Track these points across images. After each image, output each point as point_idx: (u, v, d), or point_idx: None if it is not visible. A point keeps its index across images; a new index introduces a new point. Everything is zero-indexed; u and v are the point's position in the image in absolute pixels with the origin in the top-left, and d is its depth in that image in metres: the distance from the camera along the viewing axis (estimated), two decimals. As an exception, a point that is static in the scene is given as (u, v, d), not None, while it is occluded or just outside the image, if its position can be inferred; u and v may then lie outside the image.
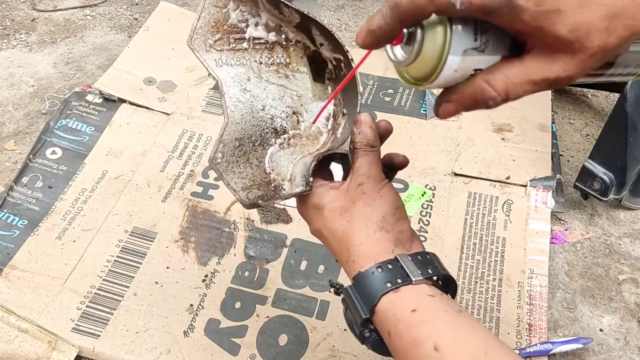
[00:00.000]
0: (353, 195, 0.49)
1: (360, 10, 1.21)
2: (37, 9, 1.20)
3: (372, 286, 0.45)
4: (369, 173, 0.49)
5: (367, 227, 0.48)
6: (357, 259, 0.47)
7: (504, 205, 0.85)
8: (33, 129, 0.97)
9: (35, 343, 0.71)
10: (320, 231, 0.50)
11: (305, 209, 0.52)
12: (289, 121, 0.55)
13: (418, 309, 0.43)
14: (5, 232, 0.82)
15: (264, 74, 0.54)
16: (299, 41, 0.56)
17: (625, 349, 0.73)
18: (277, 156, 0.53)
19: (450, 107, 0.40)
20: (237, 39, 0.54)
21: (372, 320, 0.45)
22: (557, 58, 0.36)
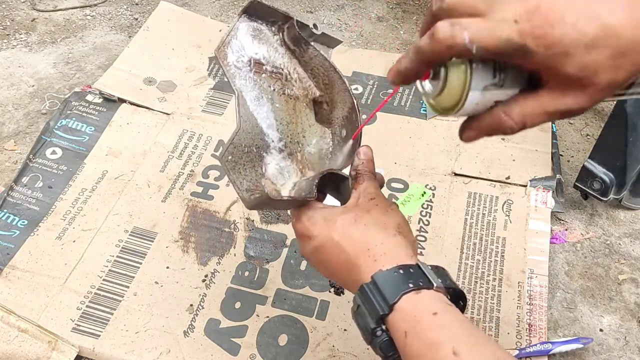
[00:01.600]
0: (366, 206, 0.51)
1: (360, 10, 1.21)
2: (37, 9, 1.20)
3: (394, 284, 0.45)
4: (377, 192, 0.53)
5: (387, 230, 0.50)
6: (379, 257, 0.47)
7: (504, 205, 0.85)
8: (33, 129, 0.97)
9: (35, 343, 0.71)
10: (331, 239, 0.50)
11: (312, 223, 0.52)
12: (293, 145, 0.58)
13: (439, 313, 0.44)
14: (5, 232, 0.82)
15: (276, 99, 0.58)
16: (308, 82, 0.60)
17: (625, 349, 0.73)
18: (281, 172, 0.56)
19: (472, 134, 0.44)
20: (257, 64, 0.58)
21: (387, 319, 0.45)
22: (569, 92, 0.39)
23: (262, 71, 0.58)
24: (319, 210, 0.52)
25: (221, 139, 0.94)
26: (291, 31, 0.58)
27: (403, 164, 0.91)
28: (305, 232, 0.52)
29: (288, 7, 1.21)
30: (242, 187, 0.54)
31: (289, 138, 0.58)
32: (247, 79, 0.57)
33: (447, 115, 0.44)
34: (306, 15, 1.20)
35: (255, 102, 0.57)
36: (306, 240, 0.52)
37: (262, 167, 0.56)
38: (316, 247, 0.51)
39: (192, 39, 1.09)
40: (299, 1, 1.23)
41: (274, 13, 0.59)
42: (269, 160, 0.56)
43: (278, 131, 0.57)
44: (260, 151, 0.56)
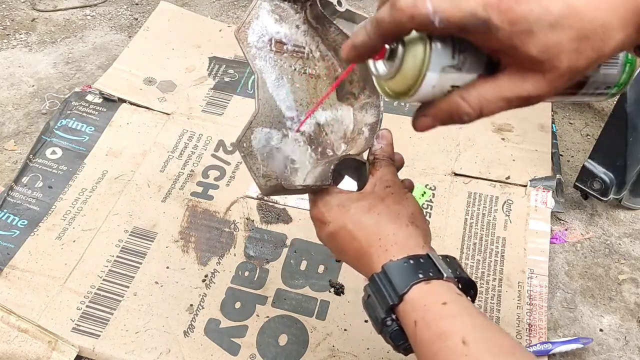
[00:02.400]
0: (381, 194, 0.52)
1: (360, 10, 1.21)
2: (37, 9, 1.20)
3: (404, 274, 0.45)
4: (394, 179, 0.53)
5: (399, 219, 0.50)
6: (390, 247, 0.48)
7: (504, 205, 0.85)
8: (33, 129, 0.97)
9: (35, 343, 0.71)
10: (345, 226, 0.50)
11: (327, 209, 0.52)
12: (312, 127, 0.57)
13: (448, 303, 0.44)
14: (5, 232, 0.82)
15: (297, 79, 0.57)
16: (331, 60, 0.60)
17: (625, 349, 0.73)
18: (298, 156, 0.55)
19: (426, 121, 0.42)
20: (279, 43, 0.57)
21: (397, 309, 0.45)
22: (528, 77, 0.37)
23: (283, 50, 0.57)
24: (335, 196, 0.52)
25: (221, 139, 0.94)
26: (314, 9, 0.58)
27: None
28: (320, 217, 0.52)
29: (288, 7, 1.21)
30: (259, 174, 0.53)
31: (308, 119, 0.57)
32: (268, 60, 0.56)
33: (401, 100, 0.42)
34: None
35: (275, 84, 0.56)
36: (321, 225, 0.53)
37: (279, 152, 0.55)
38: (331, 233, 0.52)
39: (192, 39, 1.09)
40: (299, 1, 1.23)
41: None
42: (287, 143, 0.55)
43: (298, 112, 0.56)
44: (278, 136, 0.55)
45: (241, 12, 1.20)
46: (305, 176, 0.55)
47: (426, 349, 0.43)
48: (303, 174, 0.55)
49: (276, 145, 0.54)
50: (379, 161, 0.54)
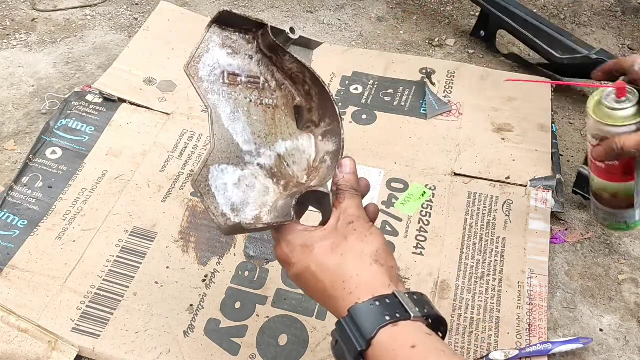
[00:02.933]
0: (344, 232, 0.50)
1: (360, 10, 1.21)
2: (37, 9, 1.20)
3: (370, 318, 0.45)
4: (358, 214, 0.52)
5: (363, 259, 0.49)
6: (355, 290, 0.47)
7: (504, 205, 0.85)
8: (33, 129, 0.97)
9: (35, 343, 0.71)
10: (309, 268, 0.49)
11: (290, 250, 0.51)
12: (272, 159, 0.55)
13: (417, 346, 0.43)
14: (5, 232, 0.82)
15: (253, 111, 0.55)
16: (288, 89, 0.58)
17: (625, 349, 0.73)
18: (258, 189, 0.54)
19: None
20: (232, 75, 0.55)
21: (366, 354, 0.45)
22: None
23: (236, 82, 0.55)
24: (298, 235, 0.51)
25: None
26: (266, 38, 0.56)
27: (403, 164, 0.91)
28: (284, 259, 0.52)
29: (288, 7, 1.21)
30: (217, 213, 0.51)
31: (267, 151, 0.55)
32: (221, 93, 0.54)
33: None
34: (306, 15, 1.20)
35: (231, 117, 0.54)
36: (287, 266, 0.52)
37: (239, 187, 0.53)
38: (296, 274, 0.51)
39: (192, 39, 1.08)
40: (299, 1, 1.23)
41: (246, 21, 0.56)
42: (246, 178, 0.53)
43: (256, 145, 0.55)
44: (237, 171, 0.53)
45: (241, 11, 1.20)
46: (267, 212, 0.53)
47: None
48: (265, 210, 0.53)
49: (234, 182, 0.53)
50: (342, 192, 0.53)
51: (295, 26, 0.56)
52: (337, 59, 1.07)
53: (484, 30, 1.11)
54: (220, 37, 0.56)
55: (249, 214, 0.52)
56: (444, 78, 1.03)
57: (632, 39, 1.14)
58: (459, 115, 0.97)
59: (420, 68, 1.05)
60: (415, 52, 1.12)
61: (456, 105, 0.99)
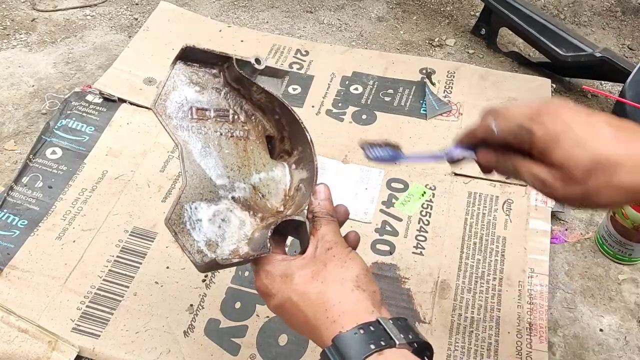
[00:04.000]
0: (323, 259, 0.50)
1: (360, 10, 1.21)
2: (37, 9, 1.20)
3: (355, 348, 0.44)
4: (335, 239, 0.51)
5: (344, 286, 0.48)
6: (338, 318, 0.46)
7: (504, 205, 0.85)
8: (33, 129, 0.97)
9: (35, 343, 0.71)
10: (290, 299, 0.48)
11: (270, 280, 0.50)
12: (246, 191, 0.55)
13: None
14: (5, 232, 0.82)
15: (224, 144, 0.55)
16: (258, 119, 0.58)
17: (625, 349, 0.73)
18: (234, 222, 0.53)
19: (487, 155, 0.55)
20: (200, 110, 0.54)
21: None
22: (553, 174, 0.47)
23: (205, 117, 0.54)
24: (276, 265, 0.50)
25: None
26: (232, 71, 0.56)
27: (403, 164, 0.91)
28: (264, 290, 0.50)
29: (288, 7, 1.21)
30: (193, 250, 0.50)
31: (241, 184, 0.54)
32: (191, 129, 0.53)
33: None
34: (306, 15, 1.20)
35: (202, 153, 0.53)
36: (267, 298, 0.50)
37: (214, 222, 0.52)
38: (276, 306, 0.50)
39: (192, 39, 1.09)
40: (299, 1, 1.23)
41: (210, 55, 0.56)
42: (221, 213, 0.52)
43: (229, 178, 0.54)
44: (211, 206, 0.52)
45: (241, 12, 1.20)
46: (244, 244, 0.52)
47: None
48: (242, 243, 0.52)
49: (209, 218, 0.52)
50: (319, 219, 0.52)
51: (261, 57, 0.55)
52: (337, 59, 1.07)
53: (485, 28, 1.11)
54: (186, 73, 0.55)
55: (225, 249, 0.51)
56: (444, 78, 1.03)
57: (632, 38, 1.14)
58: (459, 115, 0.97)
59: (420, 68, 1.05)
60: (415, 52, 1.12)
61: (456, 105, 0.99)
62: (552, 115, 0.47)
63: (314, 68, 1.06)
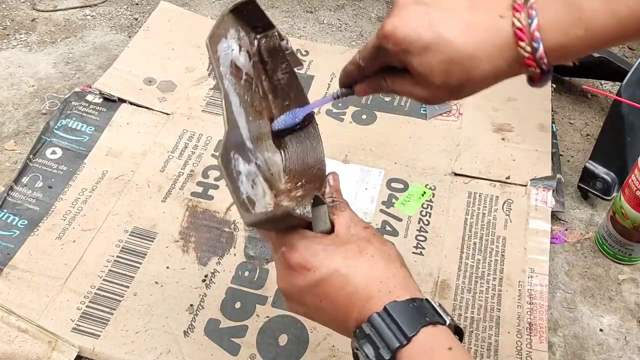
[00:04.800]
0: (364, 235, 0.50)
1: (360, 10, 1.21)
2: (37, 9, 1.20)
3: (411, 316, 0.44)
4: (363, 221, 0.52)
5: (393, 261, 0.48)
6: (393, 289, 0.46)
7: (504, 205, 0.85)
8: (33, 129, 0.97)
9: (35, 343, 0.71)
10: (337, 271, 0.47)
11: (311, 254, 0.48)
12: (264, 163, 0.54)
13: (454, 349, 0.43)
14: (5, 232, 0.82)
15: (249, 110, 0.54)
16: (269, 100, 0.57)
17: (625, 349, 0.73)
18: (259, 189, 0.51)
19: (362, 86, 0.53)
20: (237, 68, 0.53)
21: (400, 352, 0.44)
22: (417, 84, 0.48)
23: (239, 77, 0.53)
24: (315, 240, 0.49)
25: (221, 139, 0.94)
26: (272, 41, 0.54)
27: (403, 164, 0.91)
28: (304, 264, 0.48)
29: (288, 7, 1.21)
30: (240, 200, 0.47)
31: (260, 155, 0.53)
32: (231, 82, 0.52)
33: None
34: (306, 15, 1.20)
35: (237, 110, 0.52)
36: (303, 273, 0.48)
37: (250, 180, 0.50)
38: (317, 281, 0.47)
39: (192, 39, 1.09)
40: (299, 1, 1.23)
41: (262, 17, 0.54)
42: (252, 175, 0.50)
43: (252, 144, 0.53)
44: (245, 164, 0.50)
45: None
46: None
47: None
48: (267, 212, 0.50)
49: (246, 174, 0.50)
50: (341, 203, 0.52)
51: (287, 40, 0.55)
52: (337, 59, 1.07)
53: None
54: (234, 27, 0.53)
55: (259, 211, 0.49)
56: (444, 78, 1.03)
57: (632, 39, 1.14)
58: (459, 115, 0.97)
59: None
60: (415, 52, 1.12)
61: (456, 105, 0.99)
62: (400, 25, 0.45)
63: (314, 68, 1.06)
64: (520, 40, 0.43)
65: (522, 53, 0.43)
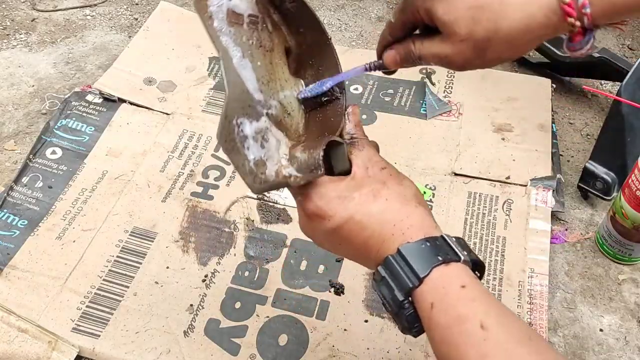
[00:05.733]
0: (380, 177, 0.49)
1: (360, 10, 1.21)
2: (37, 9, 1.20)
3: (423, 257, 0.44)
4: (384, 160, 0.51)
5: (408, 202, 0.48)
6: (407, 230, 0.46)
7: (504, 205, 0.85)
8: (33, 129, 0.97)
9: (35, 343, 0.71)
10: (352, 218, 0.47)
11: (325, 202, 0.48)
12: (277, 108, 0.52)
13: (467, 286, 0.43)
14: (5, 232, 0.82)
15: (255, 54, 0.51)
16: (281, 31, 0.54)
17: (625, 349, 0.73)
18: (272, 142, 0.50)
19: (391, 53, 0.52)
20: (235, 14, 0.51)
21: (415, 292, 0.44)
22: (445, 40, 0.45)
23: (240, 22, 0.50)
24: (329, 186, 0.48)
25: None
26: None
27: (403, 164, 0.91)
28: (318, 212, 0.48)
29: (288, 7, 1.21)
30: (246, 170, 0.47)
31: (273, 100, 0.51)
32: (230, 35, 0.50)
33: None
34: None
35: (241, 63, 0.49)
36: (319, 221, 0.48)
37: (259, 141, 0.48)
38: (333, 228, 0.47)
39: (192, 39, 1.09)
40: (299, 1, 1.23)
41: None
42: (261, 131, 0.49)
43: (262, 93, 0.50)
44: (253, 122, 0.49)
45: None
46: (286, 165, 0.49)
47: (442, 332, 0.42)
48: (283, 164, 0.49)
49: (253, 135, 0.48)
50: (360, 140, 0.51)
51: None
52: (337, 59, 1.07)
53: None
54: None
55: (271, 169, 0.48)
56: (444, 78, 1.03)
57: (632, 38, 1.14)
58: (459, 115, 0.97)
59: (420, 68, 1.05)
60: (415, 52, 1.12)
61: (456, 105, 0.99)
62: None
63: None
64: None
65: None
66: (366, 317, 0.74)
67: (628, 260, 0.80)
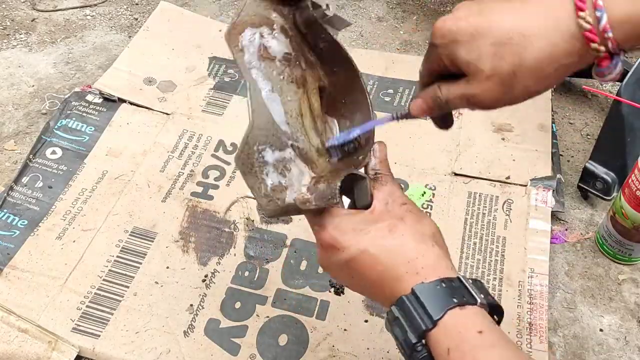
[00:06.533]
0: (399, 213, 0.49)
1: (360, 10, 1.21)
2: (37, 9, 1.20)
3: (438, 298, 0.43)
4: (406, 196, 0.51)
5: (425, 241, 0.47)
6: (421, 270, 0.45)
7: (504, 205, 0.85)
8: (33, 129, 0.97)
9: (35, 343, 0.71)
10: (366, 251, 0.47)
11: (340, 233, 0.48)
12: (304, 142, 0.53)
13: (485, 332, 0.42)
14: (5, 232, 0.82)
15: (285, 89, 0.53)
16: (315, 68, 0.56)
17: (625, 349, 0.73)
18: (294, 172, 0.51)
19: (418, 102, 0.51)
20: (268, 48, 0.52)
21: (429, 334, 0.43)
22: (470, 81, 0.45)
23: (271, 57, 0.52)
24: (345, 218, 0.48)
25: (221, 138, 0.94)
26: (305, 12, 0.53)
27: (403, 164, 0.91)
28: (333, 243, 0.48)
29: (288, 7, 1.21)
30: (261, 193, 0.49)
31: (299, 133, 0.52)
32: (259, 68, 0.51)
33: None
34: (306, 15, 1.20)
35: (269, 96, 0.51)
36: (334, 252, 0.48)
37: (278, 169, 0.50)
38: (347, 260, 0.47)
39: (192, 39, 1.09)
40: (299, 1, 1.23)
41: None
42: (284, 161, 0.51)
43: (290, 126, 0.52)
44: (276, 151, 0.51)
45: (241, 12, 1.20)
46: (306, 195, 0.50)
47: None
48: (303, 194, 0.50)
49: (274, 163, 0.50)
50: (384, 176, 0.51)
51: (331, 3, 0.53)
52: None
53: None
54: (260, 6, 0.53)
55: (290, 197, 0.50)
56: (444, 78, 1.03)
57: (632, 38, 1.14)
58: (459, 115, 0.97)
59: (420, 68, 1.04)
60: (415, 52, 1.12)
61: (456, 105, 0.99)
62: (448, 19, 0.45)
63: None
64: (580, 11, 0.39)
65: (583, 24, 0.39)
66: (366, 317, 0.74)
67: (628, 260, 0.80)
